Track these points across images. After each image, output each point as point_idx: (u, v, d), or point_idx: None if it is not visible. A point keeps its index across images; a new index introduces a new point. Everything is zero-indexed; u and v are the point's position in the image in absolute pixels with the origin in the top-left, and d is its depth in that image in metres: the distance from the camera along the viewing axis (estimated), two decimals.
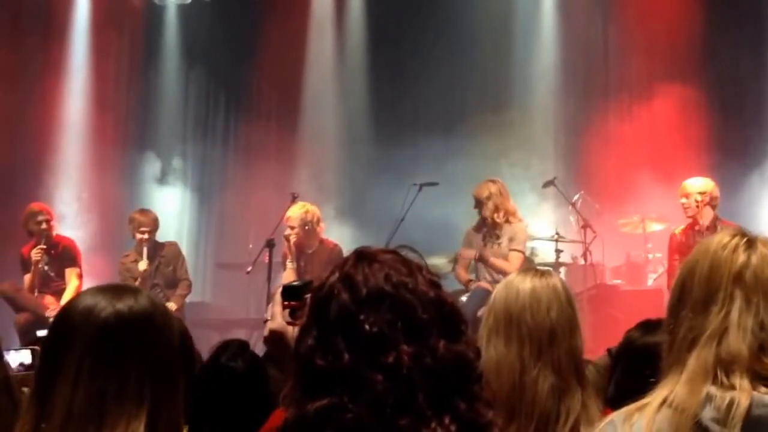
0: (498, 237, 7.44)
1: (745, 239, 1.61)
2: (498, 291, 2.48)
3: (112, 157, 10.70)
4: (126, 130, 11.24)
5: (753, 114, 10.65)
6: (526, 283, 2.42)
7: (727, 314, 1.53)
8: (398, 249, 1.58)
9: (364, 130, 11.44)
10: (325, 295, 1.50)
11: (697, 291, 1.58)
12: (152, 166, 11.06)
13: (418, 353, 1.44)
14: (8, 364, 3.01)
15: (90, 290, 1.80)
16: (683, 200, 7.12)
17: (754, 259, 1.58)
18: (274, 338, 1.90)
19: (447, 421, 1.42)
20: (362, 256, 1.54)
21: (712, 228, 6.89)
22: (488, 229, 7.47)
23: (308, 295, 1.73)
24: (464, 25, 11.22)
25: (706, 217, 7.02)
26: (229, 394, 2.69)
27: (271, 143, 11.87)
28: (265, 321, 1.95)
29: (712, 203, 7.06)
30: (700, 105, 10.93)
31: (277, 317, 1.89)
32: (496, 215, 7.39)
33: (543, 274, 2.50)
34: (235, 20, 11.38)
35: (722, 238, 1.63)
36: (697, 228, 7.07)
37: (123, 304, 1.72)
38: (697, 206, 7.02)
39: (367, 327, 1.44)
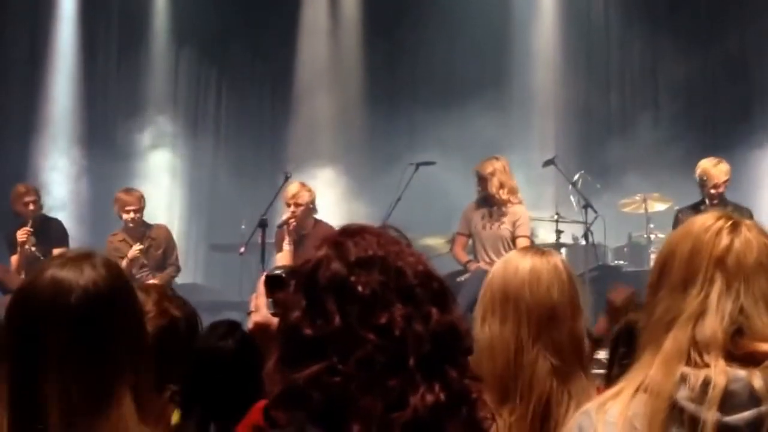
0: (502, 215, 7.31)
1: (729, 222, 1.58)
2: (496, 268, 2.39)
3: (101, 138, 10.64)
4: (116, 111, 11.16)
5: (758, 93, 10.57)
6: (525, 261, 2.33)
7: (705, 297, 1.52)
8: (384, 228, 1.57)
9: (359, 109, 11.39)
10: (314, 266, 1.47)
11: (677, 272, 1.56)
12: (143, 146, 10.94)
13: (411, 316, 1.43)
14: None
15: (46, 266, 1.66)
16: (712, 191, 6.97)
17: (737, 243, 1.55)
18: (259, 330, 1.84)
19: (437, 388, 1.41)
20: (349, 228, 1.54)
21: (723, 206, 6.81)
22: (494, 206, 7.33)
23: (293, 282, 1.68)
24: (463, 2, 11.11)
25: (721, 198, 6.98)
26: (219, 374, 2.65)
27: (264, 122, 11.78)
28: (249, 313, 1.90)
29: (726, 183, 7.06)
30: (704, 84, 10.85)
31: (261, 309, 1.84)
32: (501, 191, 7.25)
33: (543, 252, 2.41)
34: None
35: (706, 220, 1.59)
36: (702, 208, 6.96)
37: (85, 280, 1.62)
38: (715, 196, 6.97)
39: (360, 288, 1.43)
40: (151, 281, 7.28)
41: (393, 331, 1.41)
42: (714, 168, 7.05)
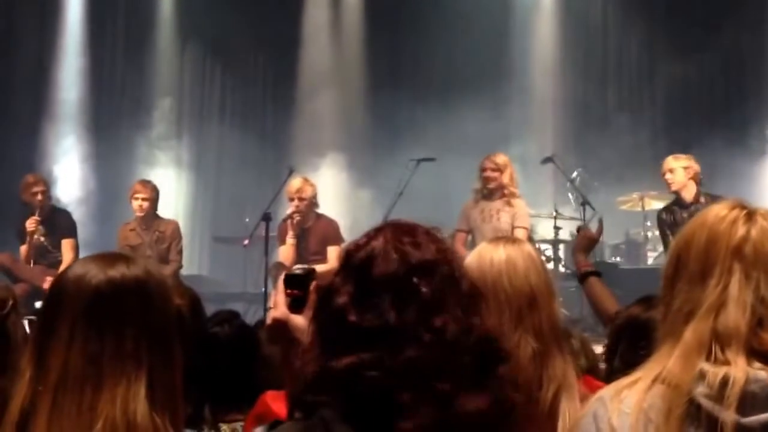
0: (502, 209, 7.43)
1: (744, 212, 1.54)
2: (470, 260, 2.37)
3: (108, 132, 10.71)
4: (122, 104, 11.25)
5: (754, 92, 10.61)
6: (499, 251, 2.35)
7: (725, 288, 1.48)
8: (431, 230, 1.58)
9: (361, 106, 11.43)
10: (368, 255, 1.50)
11: (694, 264, 1.52)
12: (148, 139, 11.04)
13: (461, 323, 1.46)
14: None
15: (83, 259, 1.80)
16: (668, 175, 7.07)
17: (754, 233, 1.51)
18: (277, 327, 1.85)
19: (483, 396, 1.43)
20: (402, 226, 1.55)
21: (696, 201, 6.93)
22: (494, 200, 7.44)
23: (312, 284, 1.76)
24: (464, 1, 11.17)
25: (690, 191, 7.00)
26: (214, 358, 2.69)
27: (267, 117, 11.86)
28: (267, 309, 1.99)
29: (695, 178, 7.03)
30: (700, 82, 10.90)
31: (280, 306, 1.85)
32: (511, 183, 7.41)
33: (515, 241, 2.45)
34: None
35: (720, 210, 1.56)
36: (682, 204, 7.03)
37: (115, 271, 1.72)
38: (672, 181, 7.00)
39: (423, 289, 1.45)
40: None
41: (446, 334, 1.43)
42: (673, 157, 7.17)
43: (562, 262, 8.87)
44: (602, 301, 3.49)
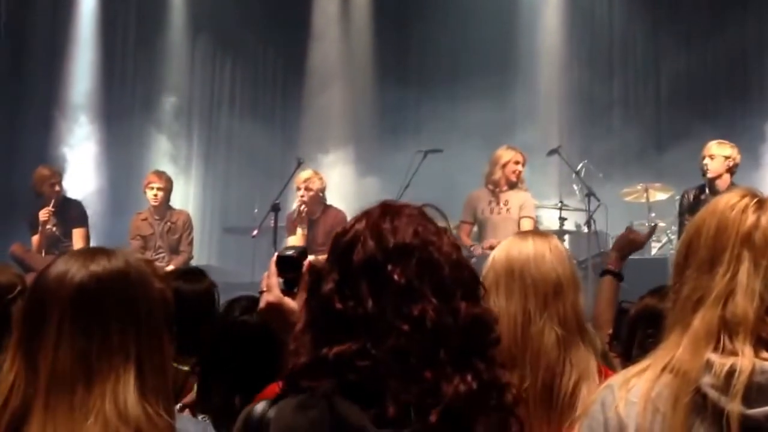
0: (509, 200, 7.52)
1: (755, 200, 1.54)
2: (497, 250, 2.42)
3: (119, 124, 10.78)
4: (133, 97, 11.31)
5: (757, 90, 10.63)
6: (527, 243, 2.38)
7: (734, 276, 1.48)
8: (423, 207, 1.57)
9: (368, 96, 11.47)
10: (350, 240, 1.49)
11: (703, 251, 1.52)
12: (159, 131, 11.10)
13: (442, 310, 1.44)
14: None
15: (63, 256, 1.78)
16: (706, 161, 6.80)
17: (764, 221, 1.51)
18: (271, 310, 1.86)
19: (469, 378, 1.43)
20: (389, 208, 1.53)
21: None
22: (502, 191, 7.52)
23: (306, 263, 1.76)
24: None
25: (724, 182, 6.78)
26: (245, 347, 2.67)
27: (276, 109, 11.92)
28: (261, 292, 1.91)
29: (732, 169, 6.84)
30: (704, 76, 10.92)
31: (273, 289, 1.86)
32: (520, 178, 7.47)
33: (542, 235, 2.48)
34: None
35: (730, 198, 1.56)
36: (711, 191, 6.73)
37: (97, 265, 1.71)
38: (709, 168, 6.78)
39: (395, 277, 1.44)
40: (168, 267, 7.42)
41: (425, 323, 1.42)
42: (717, 143, 6.90)
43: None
44: (599, 303, 3.56)
